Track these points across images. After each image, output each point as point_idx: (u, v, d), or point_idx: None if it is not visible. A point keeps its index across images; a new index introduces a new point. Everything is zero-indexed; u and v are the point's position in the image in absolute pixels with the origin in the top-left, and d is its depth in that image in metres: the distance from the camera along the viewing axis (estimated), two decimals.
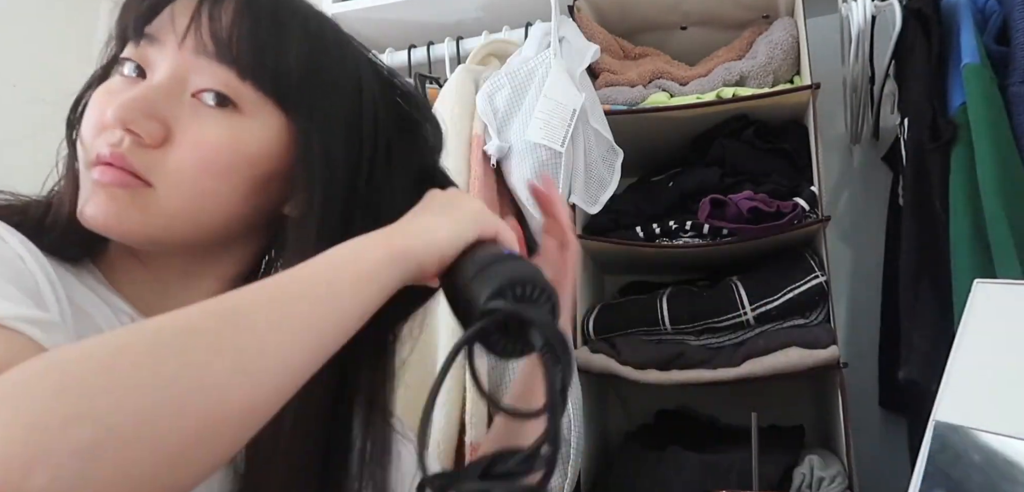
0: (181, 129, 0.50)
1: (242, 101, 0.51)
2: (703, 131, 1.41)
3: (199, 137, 0.50)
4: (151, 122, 0.49)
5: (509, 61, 1.30)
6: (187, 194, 0.50)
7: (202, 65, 0.51)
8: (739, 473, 1.09)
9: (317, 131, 0.53)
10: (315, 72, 0.53)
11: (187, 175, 0.50)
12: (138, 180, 0.49)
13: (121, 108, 0.49)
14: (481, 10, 1.54)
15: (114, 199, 0.49)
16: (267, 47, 0.51)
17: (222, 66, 0.50)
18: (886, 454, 1.41)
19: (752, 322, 1.22)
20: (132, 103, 0.49)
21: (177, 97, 0.50)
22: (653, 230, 1.30)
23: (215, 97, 0.51)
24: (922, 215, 1.11)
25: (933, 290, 1.06)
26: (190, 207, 0.50)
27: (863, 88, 1.41)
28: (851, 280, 1.55)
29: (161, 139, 0.50)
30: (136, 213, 0.49)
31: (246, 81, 0.51)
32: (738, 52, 1.44)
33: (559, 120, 1.16)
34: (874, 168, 1.54)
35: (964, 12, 1.13)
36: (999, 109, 1.04)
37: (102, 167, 0.49)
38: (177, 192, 0.50)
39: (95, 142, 0.50)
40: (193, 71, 0.51)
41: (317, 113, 0.53)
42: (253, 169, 0.52)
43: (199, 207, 0.51)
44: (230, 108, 0.51)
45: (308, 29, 0.53)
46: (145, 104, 0.49)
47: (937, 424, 0.69)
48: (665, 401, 1.47)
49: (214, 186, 0.51)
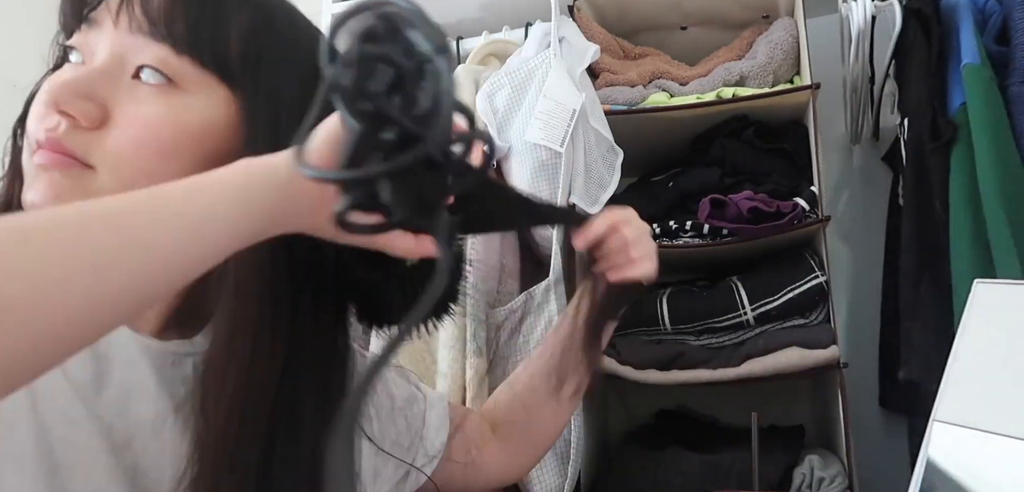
0: (119, 110, 0.49)
1: (181, 78, 0.50)
2: (703, 131, 1.41)
3: (137, 115, 0.49)
4: (86, 103, 0.48)
5: (509, 61, 1.30)
6: (128, 174, 0.48)
7: (139, 44, 0.50)
8: (739, 473, 1.09)
9: (264, 106, 0.52)
10: (260, 47, 0.52)
11: (127, 155, 0.48)
12: (77, 162, 0.48)
13: (54, 91, 0.48)
14: (481, 10, 1.54)
15: (54, 184, 0.48)
16: (203, 20, 0.50)
17: (157, 43, 0.49)
18: (886, 454, 1.41)
19: (752, 322, 1.22)
20: (65, 85, 0.48)
21: (116, 78, 0.50)
22: (653, 230, 1.30)
23: (152, 74, 0.49)
24: (922, 215, 1.11)
25: (933, 290, 1.06)
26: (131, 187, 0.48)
27: (863, 88, 1.41)
28: (851, 280, 1.55)
29: (98, 120, 0.49)
30: (76, 197, 0.48)
31: (183, 56, 0.50)
32: (738, 52, 1.44)
33: (559, 120, 1.16)
34: (874, 168, 1.54)
35: (964, 12, 1.13)
36: (999, 109, 1.04)
37: (41, 151, 0.48)
38: (118, 173, 0.48)
39: (37, 128, 0.49)
40: (130, 51, 0.50)
41: (263, 88, 0.52)
42: (199, 146, 0.50)
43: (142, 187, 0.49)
44: (170, 85, 0.50)
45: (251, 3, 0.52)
46: (79, 86, 0.48)
47: (937, 424, 0.69)
48: (665, 401, 1.47)
49: (157, 165, 0.49)
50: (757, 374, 1.15)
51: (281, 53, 0.53)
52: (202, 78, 0.50)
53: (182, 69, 0.50)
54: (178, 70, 0.50)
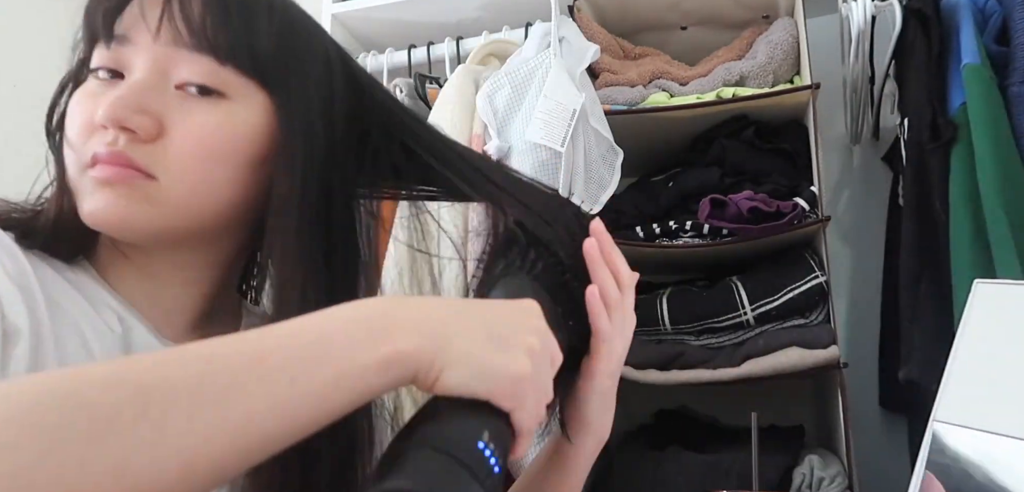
0: (172, 121, 0.50)
1: (226, 86, 0.52)
2: (703, 131, 1.41)
3: (194, 125, 0.50)
4: (143, 117, 0.49)
5: (509, 61, 1.30)
6: (190, 182, 0.51)
7: (181, 56, 0.51)
8: (739, 473, 1.09)
9: (295, 104, 0.54)
10: (287, 48, 0.54)
11: (188, 164, 0.50)
12: (140, 174, 0.50)
13: (111, 107, 0.49)
14: (481, 10, 1.54)
15: (119, 196, 0.49)
16: (240, 30, 0.51)
17: (201, 55, 0.51)
18: (886, 454, 1.41)
19: (752, 322, 1.22)
20: (120, 101, 0.49)
21: (162, 90, 0.51)
22: (653, 230, 1.30)
23: (200, 88, 0.51)
24: (922, 215, 1.11)
25: (933, 290, 1.06)
26: (193, 195, 0.51)
27: (863, 88, 1.41)
28: (851, 280, 1.55)
29: (155, 133, 0.50)
30: (143, 207, 0.50)
31: (226, 66, 0.51)
32: (738, 52, 1.44)
33: (559, 120, 1.16)
34: (874, 168, 1.54)
35: (964, 12, 1.13)
36: (999, 109, 1.04)
37: (102, 165, 0.49)
38: (180, 181, 0.50)
39: (88, 144, 0.50)
40: (172, 63, 0.51)
41: (294, 87, 0.54)
42: (247, 151, 0.52)
43: (202, 194, 0.51)
44: (215, 95, 0.51)
45: (273, 7, 0.54)
46: (134, 100, 0.49)
47: (937, 424, 0.69)
48: (665, 401, 1.47)
49: (214, 172, 0.51)
50: (757, 374, 1.15)
51: (303, 51, 0.55)
52: (243, 85, 0.52)
53: (226, 78, 0.52)
54: (222, 80, 0.52)
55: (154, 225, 0.51)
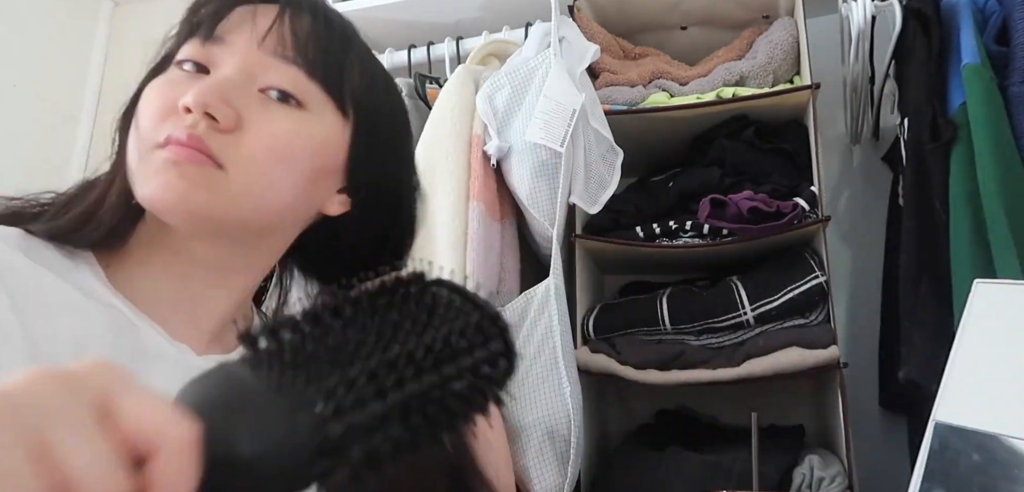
0: (251, 119, 0.54)
1: (307, 98, 0.56)
2: (703, 131, 1.41)
3: (271, 127, 0.54)
4: (227, 108, 0.53)
5: (509, 61, 1.30)
6: (255, 179, 0.54)
7: (274, 64, 0.55)
8: (739, 473, 1.09)
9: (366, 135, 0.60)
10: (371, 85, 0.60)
11: (258, 161, 0.53)
12: (211, 161, 0.52)
13: (200, 93, 0.52)
14: (481, 10, 1.54)
15: (184, 177, 0.51)
16: (332, 53, 0.57)
17: (293, 66, 0.56)
18: (886, 454, 1.41)
19: (752, 322, 1.22)
20: (210, 90, 0.52)
21: (246, 90, 0.54)
22: (653, 230, 1.30)
23: (282, 94, 0.55)
24: (922, 215, 1.11)
25: (933, 290, 1.06)
26: (256, 192, 0.54)
27: (863, 88, 1.41)
28: (851, 280, 1.55)
29: (235, 125, 0.53)
30: (204, 192, 0.52)
31: (313, 80, 0.56)
32: (738, 52, 1.44)
33: (559, 120, 1.16)
34: (874, 168, 1.54)
35: (964, 12, 1.13)
36: (999, 109, 1.04)
37: (176, 146, 0.52)
38: (246, 176, 0.53)
39: (161, 127, 0.53)
40: (262, 69, 0.55)
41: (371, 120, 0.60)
42: (313, 161, 0.56)
43: (264, 193, 0.54)
44: (294, 104, 0.56)
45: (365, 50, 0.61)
46: (222, 92, 0.53)
47: (937, 424, 0.69)
48: (665, 401, 1.47)
49: (280, 174, 0.55)
50: (757, 374, 1.15)
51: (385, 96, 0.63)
52: (322, 102, 0.57)
53: (308, 91, 0.56)
54: (305, 92, 0.56)
55: (211, 212, 0.53)
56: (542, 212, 1.18)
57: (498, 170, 1.22)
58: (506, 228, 1.25)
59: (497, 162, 1.20)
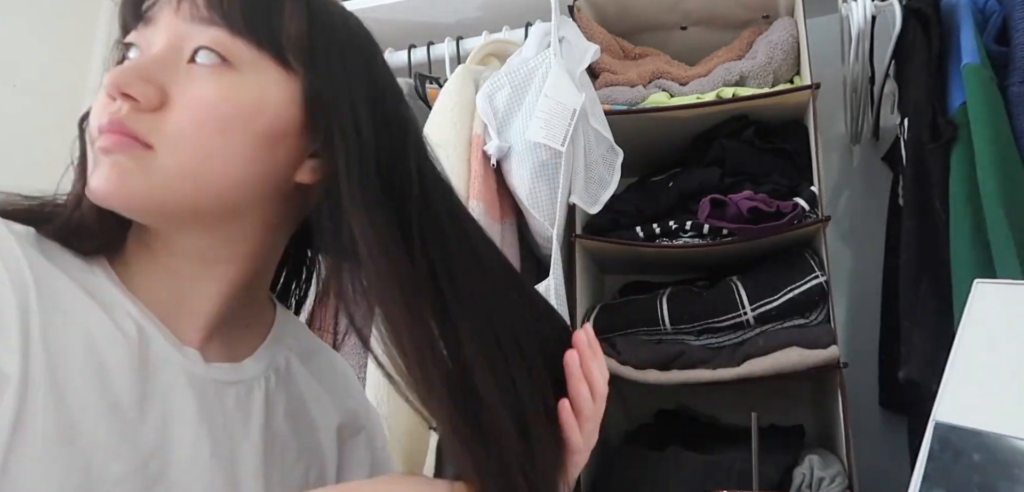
0: (177, 91, 0.51)
1: (235, 58, 0.52)
2: (703, 131, 1.41)
3: (194, 95, 0.51)
4: (145, 85, 0.50)
5: (509, 61, 1.30)
6: (187, 152, 0.50)
7: (196, 30, 0.52)
8: (739, 473, 1.09)
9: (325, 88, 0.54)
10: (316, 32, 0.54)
11: (186, 133, 0.50)
12: (137, 142, 0.50)
13: (116, 76, 0.50)
14: (481, 10, 1.54)
15: (116, 165, 0.50)
16: (258, 6, 0.52)
17: (213, 27, 0.52)
18: (886, 454, 1.41)
19: (752, 322, 1.22)
20: (125, 70, 0.50)
21: (173, 65, 0.52)
22: (653, 230, 1.30)
23: (208, 54, 0.51)
24: (922, 215, 1.11)
25: (933, 290, 1.06)
26: (191, 166, 0.51)
27: (863, 88, 1.41)
28: (851, 280, 1.55)
29: (158, 102, 0.50)
30: (138, 177, 0.50)
31: (238, 38, 0.52)
32: (738, 52, 1.44)
33: (559, 120, 1.16)
34: (874, 168, 1.54)
35: (964, 12, 1.13)
36: (999, 109, 1.04)
37: (104, 135, 0.50)
38: (177, 151, 0.50)
39: (98, 117, 0.51)
40: (186, 38, 0.52)
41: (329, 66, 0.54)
42: (252, 123, 0.52)
43: (200, 166, 0.51)
44: (225, 65, 0.52)
45: None
46: (139, 70, 0.51)
47: (937, 424, 0.69)
48: (665, 401, 1.47)
49: (213, 143, 0.51)
50: (757, 374, 1.15)
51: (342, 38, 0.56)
52: (257, 58, 0.53)
53: (236, 49, 0.52)
54: (232, 50, 0.52)
55: (151, 196, 0.51)
56: (542, 212, 1.18)
57: (498, 170, 1.22)
58: (506, 228, 1.25)
59: (497, 162, 1.20)
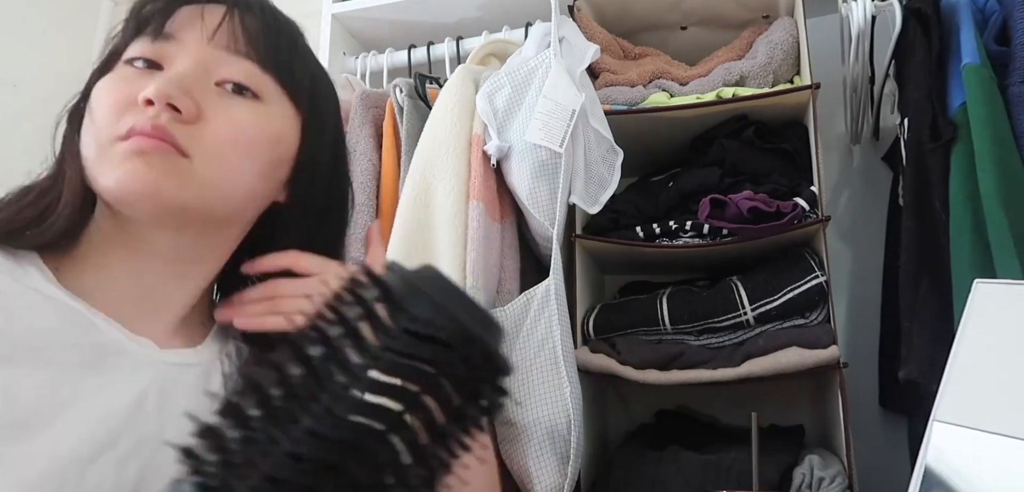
0: (211, 110, 0.56)
1: (262, 90, 0.59)
2: (703, 131, 1.41)
3: (231, 116, 0.57)
4: (188, 99, 0.55)
5: (509, 61, 1.30)
6: (220, 167, 0.56)
7: (227, 59, 0.58)
8: (739, 473, 1.09)
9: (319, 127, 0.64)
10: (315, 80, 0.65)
11: (221, 149, 0.56)
12: (176, 150, 0.54)
13: (161, 85, 0.54)
14: (481, 10, 1.54)
15: (152, 166, 0.53)
16: (285, 51, 0.61)
17: (247, 61, 0.58)
18: (886, 454, 1.41)
19: (752, 322, 1.22)
20: (171, 82, 0.54)
21: (203, 85, 0.56)
22: (653, 230, 1.30)
23: (237, 86, 0.58)
24: (922, 215, 1.11)
25: (933, 290, 1.06)
26: (220, 180, 0.56)
27: (863, 88, 1.41)
28: (851, 280, 1.55)
29: (196, 116, 0.55)
30: (173, 180, 0.54)
31: (267, 73, 0.59)
32: (738, 52, 1.44)
33: (559, 120, 1.16)
34: (874, 168, 1.54)
35: (964, 12, 1.13)
36: (999, 109, 1.04)
37: (140, 137, 0.53)
38: (211, 164, 0.55)
39: (121, 120, 0.54)
40: (216, 64, 0.58)
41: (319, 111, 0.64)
42: (272, 150, 0.59)
43: (227, 179, 0.56)
44: (250, 96, 0.58)
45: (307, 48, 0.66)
46: (181, 84, 0.55)
47: (937, 424, 0.69)
48: (665, 401, 1.47)
49: (243, 162, 0.57)
50: (757, 374, 1.15)
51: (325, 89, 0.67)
52: (277, 93, 0.60)
53: (263, 83, 0.59)
54: (260, 84, 0.59)
55: (179, 200, 0.54)
56: (542, 212, 1.18)
57: (498, 170, 1.22)
58: (506, 228, 1.25)
59: (497, 162, 1.20)
